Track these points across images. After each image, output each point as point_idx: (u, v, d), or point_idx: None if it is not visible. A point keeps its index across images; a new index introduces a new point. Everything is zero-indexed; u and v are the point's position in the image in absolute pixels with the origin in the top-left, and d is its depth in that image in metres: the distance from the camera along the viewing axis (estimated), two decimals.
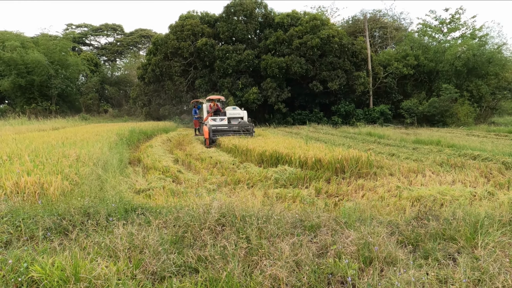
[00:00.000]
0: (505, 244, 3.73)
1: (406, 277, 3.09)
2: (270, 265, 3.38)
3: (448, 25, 32.37)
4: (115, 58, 54.66)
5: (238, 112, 18.10)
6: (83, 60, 44.07)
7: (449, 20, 32.16)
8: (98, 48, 55.13)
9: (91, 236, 3.92)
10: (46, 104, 36.44)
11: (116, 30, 54.63)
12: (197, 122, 20.37)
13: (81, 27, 53.53)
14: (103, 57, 54.51)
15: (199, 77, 31.97)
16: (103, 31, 54.01)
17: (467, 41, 30.21)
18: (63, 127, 21.54)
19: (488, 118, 31.40)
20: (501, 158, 9.92)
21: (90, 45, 55.38)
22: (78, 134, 13.94)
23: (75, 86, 42.26)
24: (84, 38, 53.70)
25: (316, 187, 7.48)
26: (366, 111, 31.25)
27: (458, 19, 31.87)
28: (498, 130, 21.34)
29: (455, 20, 31.95)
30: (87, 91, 43.71)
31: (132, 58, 51.60)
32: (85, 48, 54.22)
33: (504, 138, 17.00)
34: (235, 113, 17.95)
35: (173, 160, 11.47)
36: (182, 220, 4.43)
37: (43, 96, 37.07)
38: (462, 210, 4.64)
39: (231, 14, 31.60)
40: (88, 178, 6.33)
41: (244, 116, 17.91)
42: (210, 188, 7.55)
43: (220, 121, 16.90)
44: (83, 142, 10.74)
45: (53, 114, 34.75)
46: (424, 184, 7.66)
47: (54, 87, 36.63)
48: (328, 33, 29.02)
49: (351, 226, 4.30)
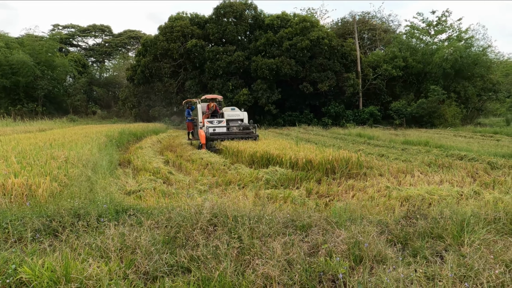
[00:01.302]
0: (490, 241, 3.82)
1: (395, 275, 3.15)
2: (262, 264, 3.40)
3: (435, 27, 32.87)
4: (103, 59, 54.10)
5: (238, 113, 16.04)
6: (71, 61, 43.49)
7: (436, 23, 32.66)
8: (86, 49, 54.47)
9: (82, 237, 3.90)
10: (32, 106, 35.91)
11: (104, 31, 54.05)
12: (191, 125, 17.68)
13: (68, 28, 52.81)
14: (91, 58, 53.89)
15: (189, 79, 31.87)
16: (91, 32, 53.35)
17: (453, 43, 30.72)
18: (50, 129, 21.24)
19: (474, 119, 31.97)
20: (486, 158, 10.13)
21: (78, 46, 54.70)
22: (66, 135, 13.78)
23: (62, 87, 41.73)
24: (71, 39, 52.96)
25: (307, 187, 7.53)
26: (356, 112, 31.52)
27: (445, 22, 32.39)
28: (484, 131, 21.74)
29: (441, 22, 32.46)
30: (75, 92, 43.18)
31: (121, 59, 51.10)
32: (72, 49, 53.48)
33: (490, 139, 17.33)
34: (234, 115, 15.86)
35: (164, 161, 11.41)
36: (174, 220, 4.43)
37: (29, 98, 36.52)
38: (449, 209, 4.74)
39: (221, 16, 31.59)
40: (77, 179, 6.27)
41: (244, 118, 15.88)
42: (201, 189, 7.53)
43: (218, 124, 14.79)
44: (71, 143, 10.62)
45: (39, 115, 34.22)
46: (413, 184, 7.78)
47: (41, 88, 36.13)
48: (317, 35, 29.21)
49: (342, 225, 4.34)
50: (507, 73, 31.63)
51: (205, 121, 14.82)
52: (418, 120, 29.12)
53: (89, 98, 46.06)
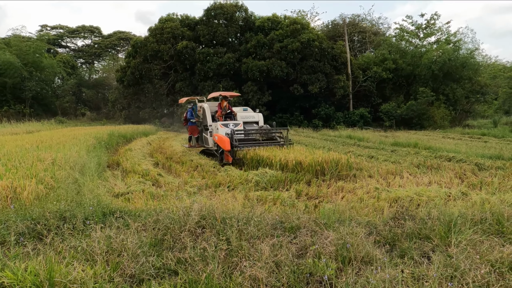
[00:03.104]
0: (476, 241, 3.86)
1: (382, 276, 3.15)
2: (250, 266, 3.38)
3: (424, 30, 33.26)
4: (92, 61, 53.49)
5: (252, 114, 13.52)
6: (59, 62, 42.90)
7: (425, 26, 33.06)
8: (75, 50, 53.77)
9: (67, 240, 3.84)
10: (20, 107, 35.33)
11: (93, 32, 53.47)
12: (195, 128, 14.07)
13: (57, 29, 52.05)
14: (80, 59, 53.20)
15: (179, 80, 31.73)
16: (80, 33, 52.71)
17: (442, 46, 31.12)
18: (37, 131, 20.94)
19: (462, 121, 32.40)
20: (474, 159, 10.26)
21: (67, 47, 53.95)
22: (54, 137, 13.59)
23: (51, 88, 41.15)
24: (60, 40, 52.24)
25: (296, 189, 7.53)
26: (346, 114, 31.70)
27: (433, 25, 32.81)
28: (471, 133, 22.03)
29: (430, 25, 32.87)
30: (64, 94, 42.61)
31: (111, 61, 50.61)
32: (61, 50, 52.72)
33: (477, 140, 17.56)
34: (248, 116, 13.29)
35: (153, 163, 11.33)
36: (161, 222, 4.39)
37: (16, 99, 35.92)
38: (437, 210, 4.78)
39: (212, 18, 31.54)
40: (64, 182, 6.18)
41: (260, 120, 13.39)
42: (190, 191, 7.49)
43: (234, 128, 11.91)
44: (59, 145, 10.47)
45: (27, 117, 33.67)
46: (401, 185, 7.83)
47: (28, 89, 35.58)
48: (308, 37, 29.33)
49: (331, 227, 4.35)
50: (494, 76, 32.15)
51: (219, 124, 11.90)
52: (408, 122, 29.40)
53: (78, 100, 45.46)
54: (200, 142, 13.89)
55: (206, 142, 13.04)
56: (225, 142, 10.93)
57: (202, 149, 14.06)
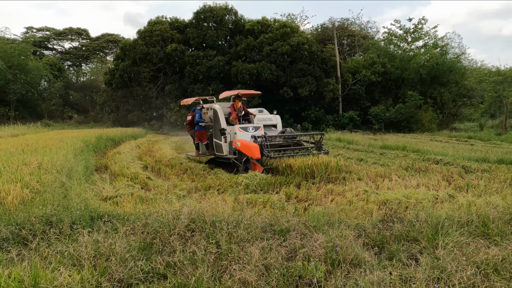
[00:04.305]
0: (462, 243, 3.91)
1: (371, 278, 3.17)
2: (240, 269, 3.37)
3: (412, 34, 33.70)
4: (80, 63, 52.66)
5: (269, 116, 12.00)
6: (45, 64, 42.11)
7: (413, 30, 33.50)
8: (62, 52, 52.83)
9: (54, 245, 3.77)
10: (4, 110, 34.69)
11: (81, 35, 52.63)
12: (204, 134, 12.07)
13: (43, 31, 51.03)
14: (67, 62, 52.27)
15: (169, 83, 31.58)
16: (67, 35, 51.76)
17: (430, 50, 31.57)
18: (23, 134, 20.54)
19: (450, 124, 32.87)
20: (461, 162, 10.42)
21: (53, 50, 52.95)
22: (40, 141, 13.38)
23: (37, 91, 40.48)
24: (46, 42, 51.24)
25: (286, 192, 7.54)
26: (336, 117, 31.89)
27: (421, 29, 33.26)
28: (458, 136, 22.37)
29: (418, 30, 33.32)
30: (50, 96, 41.88)
31: (99, 63, 50.02)
32: (48, 53, 51.73)
33: (464, 143, 17.84)
34: (265, 119, 11.77)
35: (142, 166, 11.23)
36: (150, 226, 4.35)
37: (1, 102, 35.26)
38: (425, 212, 4.83)
39: (201, 20, 31.50)
40: (51, 186, 6.08)
41: (278, 123, 11.96)
42: (180, 194, 7.45)
43: (254, 131, 10.44)
44: (45, 149, 10.30)
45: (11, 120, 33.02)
46: (390, 188, 7.90)
47: (13, 92, 34.97)
48: (298, 40, 29.48)
49: (320, 229, 4.36)
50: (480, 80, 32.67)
51: (237, 128, 10.46)
52: (396, 125, 29.71)
53: (65, 103, 44.77)
54: (210, 150, 11.96)
55: (218, 149, 11.23)
56: (254, 149, 9.35)
57: (210, 158, 12.26)
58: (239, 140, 9.96)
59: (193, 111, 12.50)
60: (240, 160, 10.01)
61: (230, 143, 10.65)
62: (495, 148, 14.75)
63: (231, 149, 10.63)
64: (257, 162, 9.50)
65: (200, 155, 12.41)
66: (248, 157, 9.54)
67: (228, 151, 10.79)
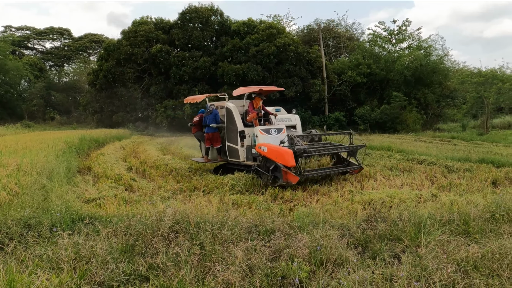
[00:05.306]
0: (444, 242, 3.96)
1: (354, 277, 3.19)
2: (223, 270, 3.34)
3: (396, 36, 34.18)
4: (62, 63, 51.38)
5: (287, 116, 10.79)
6: (25, 64, 41.00)
7: (397, 32, 33.99)
8: (43, 52, 51.40)
9: (31, 248, 3.67)
10: None
11: (63, 35, 51.34)
12: (218, 137, 10.26)
13: (22, 30, 49.60)
14: (49, 62, 50.83)
15: (154, 84, 31.27)
16: (48, 35, 50.42)
17: (413, 52, 32.07)
18: (1, 135, 20.00)
19: (433, 125, 33.38)
20: (444, 162, 10.59)
21: (34, 49, 51.50)
22: (19, 142, 13.06)
23: (16, 92, 39.53)
24: (26, 41, 49.85)
25: (272, 193, 7.54)
26: (322, 118, 32.08)
27: (405, 31, 33.78)
28: (442, 136, 22.74)
29: (402, 31, 33.82)
30: (31, 97, 40.76)
31: (82, 64, 49.03)
32: (28, 52, 50.27)
33: (447, 143, 18.14)
34: (284, 119, 10.54)
35: (127, 168, 11.08)
36: (133, 228, 4.29)
37: None
38: (408, 211, 4.89)
39: (187, 21, 31.31)
40: (30, 188, 5.93)
41: (298, 123, 10.79)
42: (165, 196, 7.39)
43: (277, 134, 8.97)
44: (25, 150, 10.06)
45: None
46: (375, 188, 7.98)
47: None
48: (284, 42, 29.58)
49: (305, 230, 4.36)
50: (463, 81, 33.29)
51: (258, 130, 8.94)
52: (382, 126, 30.03)
53: (47, 104, 43.65)
54: (223, 155, 10.26)
55: (232, 154, 9.68)
56: (286, 155, 7.68)
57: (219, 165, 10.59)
58: (265, 145, 8.25)
59: (202, 112, 11.05)
60: (266, 168, 8.24)
61: (248, 148, 9.24)
62: (477, 148, 15.04)
63: (249, 155, 9.19)
64: (289, 170, 7.77)
65: (210, 161, 10.56)
66: (277, 164, 7.86)
67: (245, 156, 9.34)
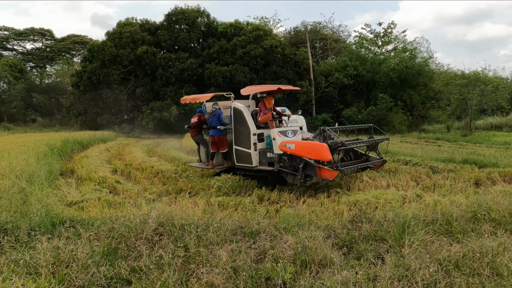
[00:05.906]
0: (427, 241, 3.99)
1: (338, 278, 3.18)
2: (207, 272, 3.30)
3: (382, 38, 34.61)
4: (44, 65, 50.17)
5: (293, 117, 10.24)
6: (4, 65, 39.85)
7: (383, 34, 34.41)
8: (23, 53, 50.08)
9: (7, 253, 3.55)
10: None
11: (44, 35, 49.95)
12: (224, 140, 9.41)
13: (1, 30, 48.37)
14: (29, 63, 49.41)
15: (140, 86, 30.94)
16: (29, 35, 49.05)
17: (399, 54, 32.51)
18: None
19: (419, 126, 33.84)
20: (429, 163, 10.71)
21: (13, 50, 50.03)
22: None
23: None
24: (5, 42, 48.38)
25: (258, 194, 7.51)
26: (310, 120, 32.21)
27: (391, 33, 34.23)
28: (427, 137, 23.04)
29: (387, 34, 34.26)
30: (11, 99, 39.57)
31: (65, 65, 48.02)
32: (7, 53, 48.81)
33: (432, 145, 18.40)
34: (291, 120, 10.07)
35: (111, 170, 10.92)
36: (116, 231, 4.21)
37: None
38: (393, 212, 4.90)
39: (173, 23, 31.11)
40: (8, 191, 5.75)
41: (303, 124, 10.53)
42: (150, 198, 7.30)
43: (293, 136, 8.35)
44: (3, 153, 9.77)
45: None
46: (361, 189, 8.02)
47: None
48: (271, 43, 29.65)
49: (290, 231, 4.34)
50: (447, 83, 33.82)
51: (276, 132, 8.21)
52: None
53: (28, 105, 42.46)
54: (230, 160, 9.42)
55: (243, 159, 8.86)
56: (321, 148, 7.21)
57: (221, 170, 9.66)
58: (292, 142, 7.76)
59: (200, 112, 10.33)
60: (293, 167, 7.82)
61: (262, 152, 8.64)
62: (461, 149, 15.28)
63: (263, 159, 8.60)
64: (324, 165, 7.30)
65: (215, 167, 9.64)
66: (308, 161, 7.43)
67: (258, 161, 8.68)
